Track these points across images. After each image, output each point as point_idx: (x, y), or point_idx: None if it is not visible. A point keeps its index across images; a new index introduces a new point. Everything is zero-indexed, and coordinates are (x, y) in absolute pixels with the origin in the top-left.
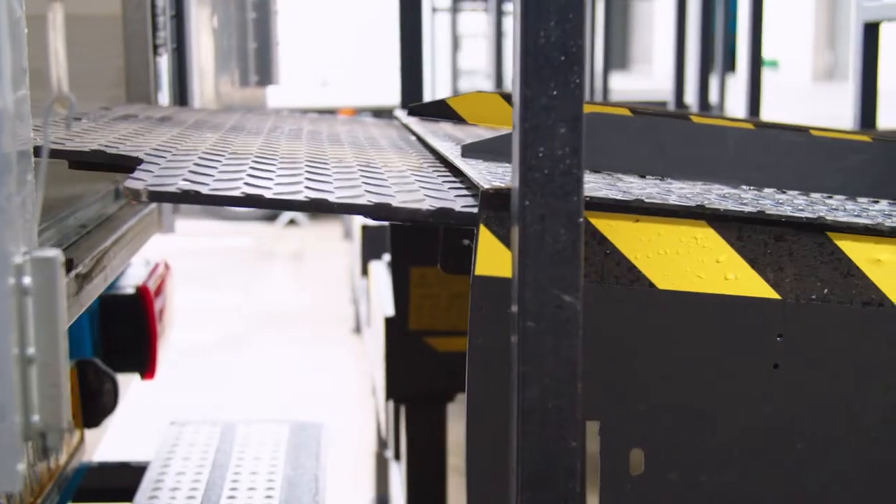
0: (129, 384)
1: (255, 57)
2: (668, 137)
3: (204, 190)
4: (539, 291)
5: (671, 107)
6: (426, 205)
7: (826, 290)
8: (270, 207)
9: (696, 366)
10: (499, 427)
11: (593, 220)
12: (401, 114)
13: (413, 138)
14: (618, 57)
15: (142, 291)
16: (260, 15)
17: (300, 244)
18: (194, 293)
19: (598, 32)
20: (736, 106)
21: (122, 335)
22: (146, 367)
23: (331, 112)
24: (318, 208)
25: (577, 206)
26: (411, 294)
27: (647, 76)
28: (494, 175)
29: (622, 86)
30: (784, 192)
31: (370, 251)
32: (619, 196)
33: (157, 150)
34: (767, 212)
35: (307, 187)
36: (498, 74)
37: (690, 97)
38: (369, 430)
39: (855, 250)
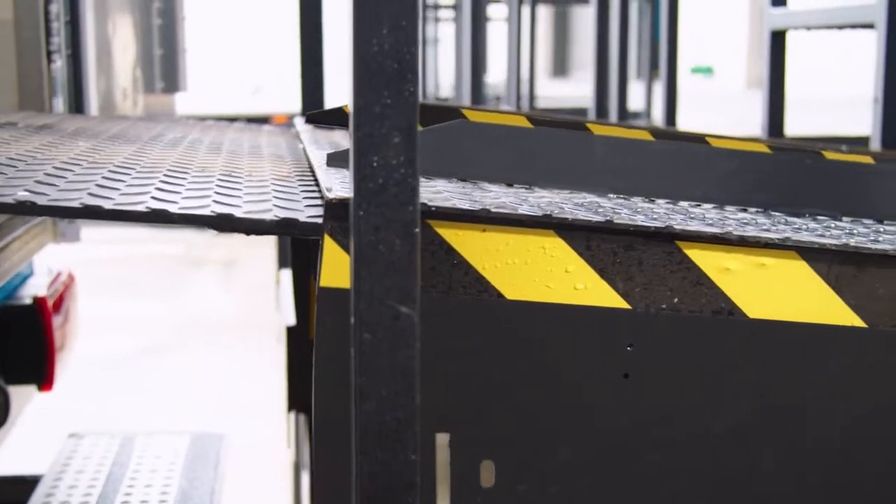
0: (30, 396)
1: (161, 63)
2: (535, 146)
3: (41, 201)
4: (375, 302)
5: (592, 114)
6: (271, 215)
7: (676, 300)
8: (108, 219)
9: (545, 376)
10: (345, 441)
11: (440, 231)
12: (299, 122)
13: (301, 146)
14: (558, 64)
15: (39, 302)
16: (166, 21)
17: (232, 251)
18: (119, 302)
19: (533, 40)
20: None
21: (18, 346)
22: (43, 378)
23: (264, 119)
24: (158, 219)
25: (413, 216)
26: (311, 304)
27: (586, 82)
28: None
29: (561, 92)
30: (652, 201)
31: (283, 259)
32: (469, 206)
33: (12, 160)
34: (616, 221)
35: (154, 197)
36: (422, 81)
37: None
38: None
39: (704, 259)
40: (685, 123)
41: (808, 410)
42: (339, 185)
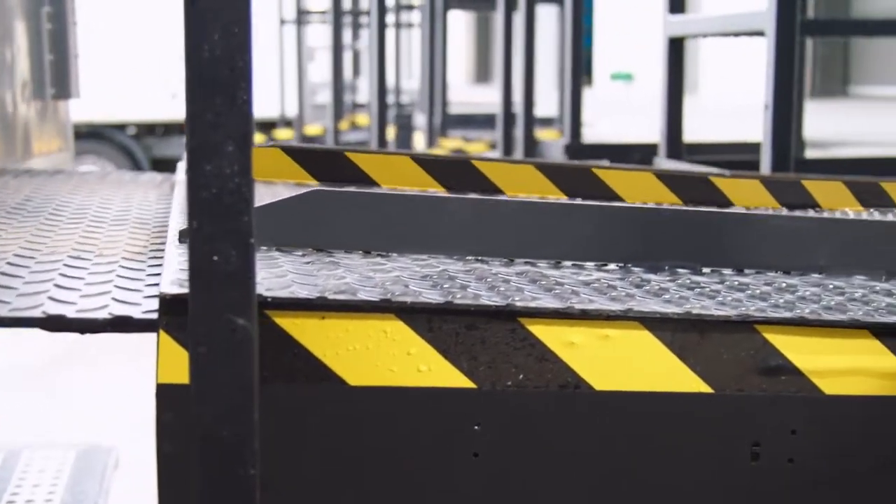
0: None
1: (52, 69)
2: (391, 212)
3: None
4: (211, 315)
5: (500, 120)
6: (105, 312)
7: (521, 376)
8: None
9: (395, 460)
10: None
11: (279, 321)
12: (181, 167)
13: (171, 204)
14: (481, 70)
15: None
16: (56, 26)
17: None
18: None
19: (445, 46)
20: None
21: None
22: None
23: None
24: None
25: (248, 227)
26: None
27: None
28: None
29: (483, 98)
30: (511, 261)
31: None
32: (308, 293)
33: None
34: (456, 302)
35: None
36: (336, 87)
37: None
38: None
39: (548, 334)
40: (604, 129)
41: (658, 478)
42: (182, 270)
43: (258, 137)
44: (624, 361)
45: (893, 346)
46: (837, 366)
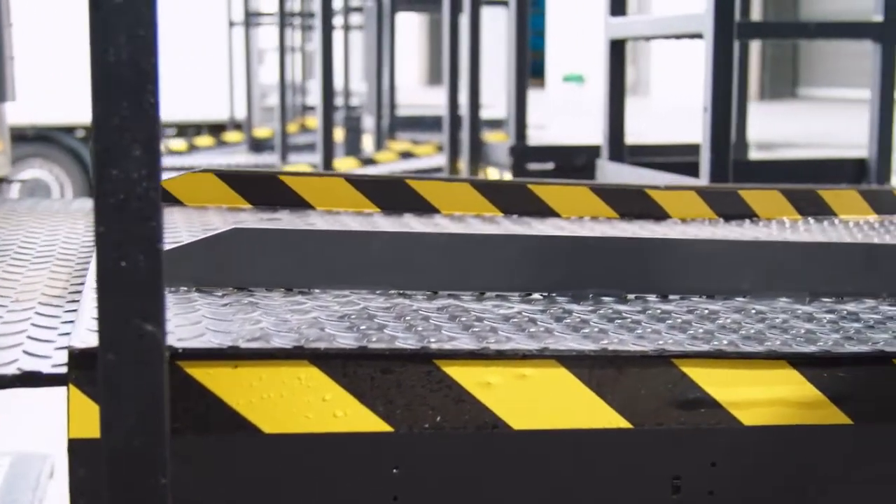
0: None
1: None
2: (311, 248)
3: None
4: (119, 321)
5: (447, 123)
6: (14, 368)
7: (439, 418)
8: None
9: None
10: None
11: (191, 371)
12: None
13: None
14: (434, 72)
15: None
16: None
17: None
18: None
19: (393, 48)
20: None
21: None
22: None
23: None
24: None
25: (156, 232)
26: None
27: (460, 90)
28: None
29: (435, 100)
30: (435, 293)
31: None
32: (220, 342)
33: None
34: (370, 347)
35: None
36: (282, 90)
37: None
38: None
39: (464, 376)
40: (556, 130)
41: None
42: (95, 318)
43: (207, 140)
44: (542, 400)
45: (811, 375)
46: (756, 397)
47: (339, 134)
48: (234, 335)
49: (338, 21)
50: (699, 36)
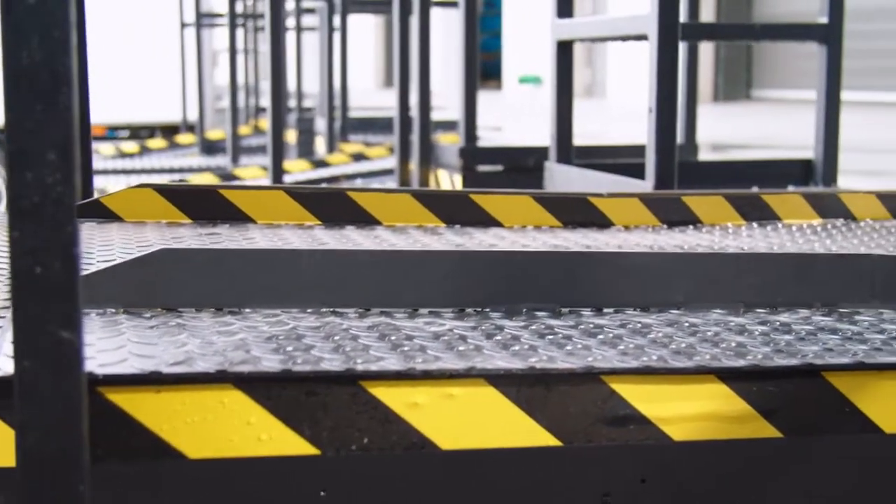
0: None
1: None
2: (241, 267)
3: None
4: (34, 328)
5: (397, 124)
6: None
7: (366, 440)
8: None
9: None
10: None
11: (112, 397)
12: None
13: None
14: (390, 74)
15: None
16: None
17: None
18: None
19: (345, 50)
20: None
21: None
22: None
23: None
24: None
25: (71, 237)
26: None
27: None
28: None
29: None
30: (367, 310)
31: None
32: (141, 367)
33: None
34: (295, 369)
35: None
36: (233, 91)
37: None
38: None
39: (390, 396)
40: (511, 131)
41: None
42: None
43: (160, 142)
44: (470, 419)
45: (740, 389)
46: (685, 412)
47: (292, 136)
48: (157, 359)
49: (292, 22)
50: (644, 38)
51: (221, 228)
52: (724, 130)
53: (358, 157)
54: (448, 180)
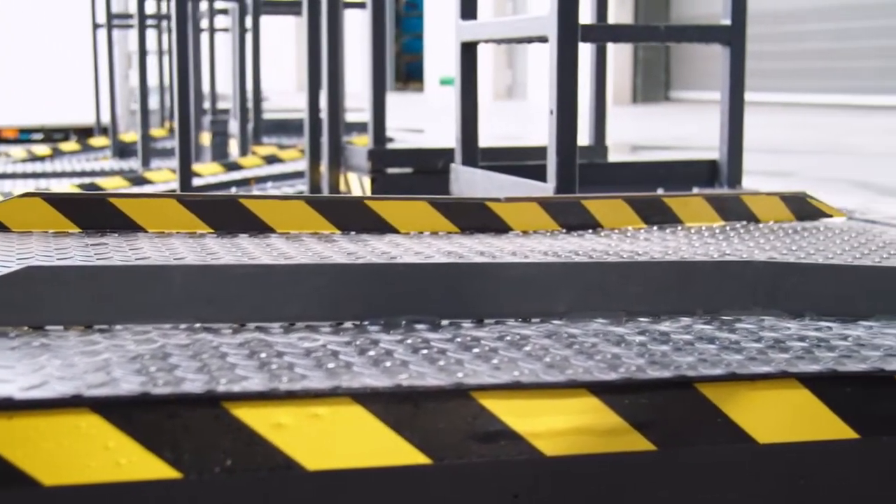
0: None
1: None
2: (111, 283)
3: None
4: None
5: (306, 126)
6: None
7: (230, 462)
8: None
9: None
10: None
11: None
12: None
13: None
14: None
15: None
16: None
17: None
18: None
19: (257, 51)
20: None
21: None
22: None
23: None
24: None
25: None
26: None
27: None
28: None
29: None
30: (242, 326)
31: None
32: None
33: None
34: (154, 392)
35: None
36: (143, 93)
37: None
38: None
39: (254, 417)
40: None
41: None
42: None
43: (73, 145)
44: (336, 438)
45: (612, 402)
46: (557, 426)
47: (207, 138)
48: (12, 384)
49: (204, 23)
50: (545, 39)
51: (110, 238)
52: (641, 131)
53: (271, 160)
54: (358, 183)
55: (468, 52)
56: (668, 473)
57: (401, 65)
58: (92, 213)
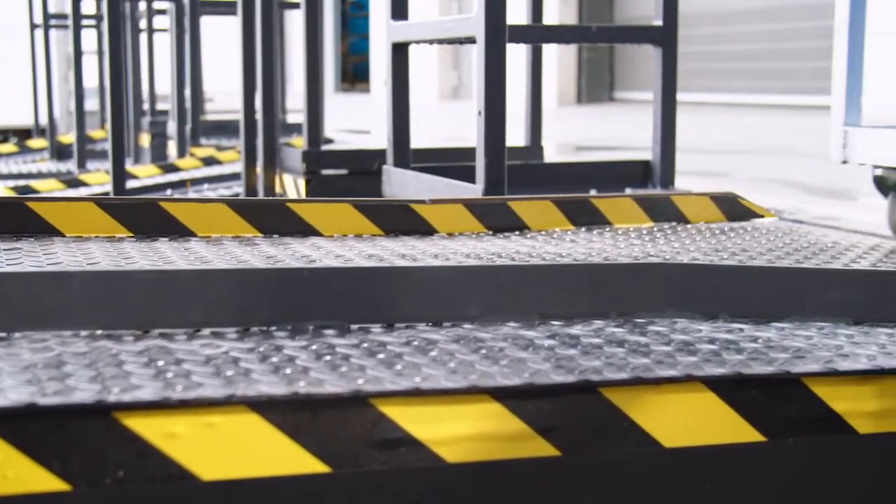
0: None
1: None
2: (7, 289)
3: None
4: None
5: (241, 127)
6: None
7: (122, 473)
8: None
9: None
10: None
11: None
12: None
13: None
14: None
15: None
16: None
17: None
18: None
19: (196, 51)
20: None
21: None
22: None
23: None
24: None
25: None
26: None
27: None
28: None
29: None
30: (146, 333)
31: None
32: None
33: None
34: (42, 402)
35: None
36: (78, 94)
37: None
38: None
39: (147, 428)
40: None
41: None
42: None
43: (10, 147)
44: (233, 448)
45: (515, 407)
46: (459, 432)
47: (146, 139)
48: None
49: (147, 24)
50: (473, 40)
51: (25, 243)
52: (585, 132)
53: (209, 162)
54: (293, 185)
55: (399, 52)
56: (573, 479)
57: (348, 65)
58: (8, 217)
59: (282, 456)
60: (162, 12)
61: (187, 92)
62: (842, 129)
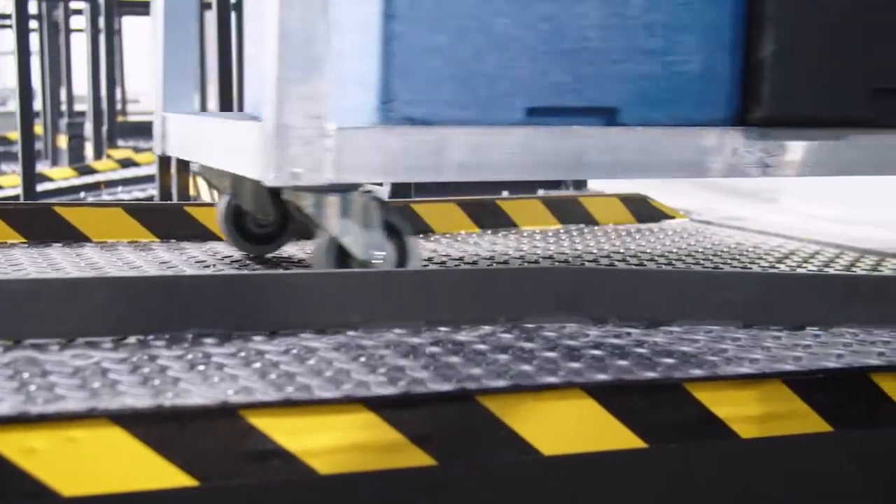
0: None
1: None
2: None
3: None
4: None
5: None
6: None
7: None
8: None
9: None
10: None
11: None
12: None
13: None
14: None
15: None
16: None
17: None
18: None
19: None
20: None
21: None
22: None
23: None
24: None
25: None
26: None
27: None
28: None
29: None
30: (17, 345)
31: None
32: None
33: None
34: None
35: None
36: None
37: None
38: None
39: (3, 443)
40: None
41: None
42: None
43: None
44: (95, 462)
45: (390, 417)
46: (332, 444)
47: (63, 141)
48: None
49: (64, 24)
50: None
51: None
52: None
53: (126, 164)
54: (206, 187)
55: None
56: (450, 488)
57: None
58: None
59: (146, 470)
60: (78, 12)
61: (104, 93)
62: None
